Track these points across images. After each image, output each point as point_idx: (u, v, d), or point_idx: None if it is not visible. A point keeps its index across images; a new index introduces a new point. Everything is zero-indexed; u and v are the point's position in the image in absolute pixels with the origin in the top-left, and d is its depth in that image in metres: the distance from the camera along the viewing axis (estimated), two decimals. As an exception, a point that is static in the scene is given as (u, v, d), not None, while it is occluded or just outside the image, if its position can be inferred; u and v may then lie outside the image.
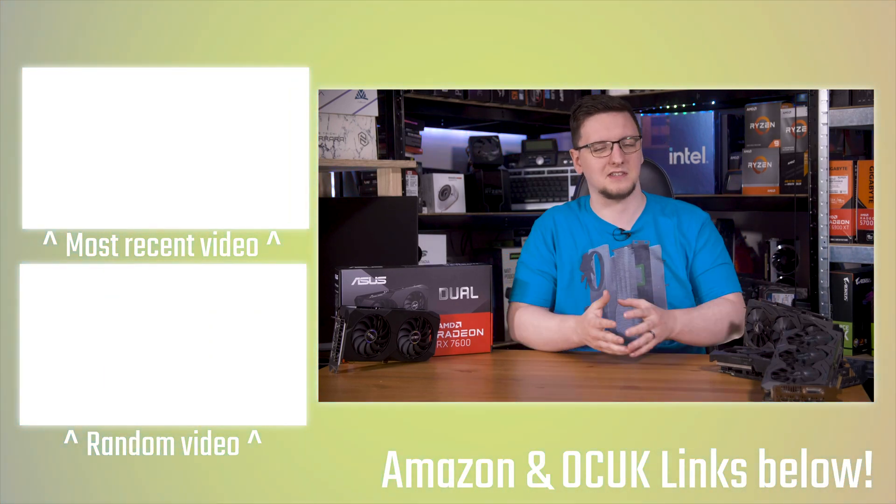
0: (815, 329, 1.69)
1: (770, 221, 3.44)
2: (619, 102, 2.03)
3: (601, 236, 2.07)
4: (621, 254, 2.05)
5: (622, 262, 2.04)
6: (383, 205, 2.66)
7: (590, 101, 2.04)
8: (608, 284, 2.04)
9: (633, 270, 2.04)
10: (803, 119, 2.94)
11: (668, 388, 1.71)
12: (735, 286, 2.05)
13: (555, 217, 2.13)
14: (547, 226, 2.12)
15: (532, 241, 2.13)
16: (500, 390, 1.84)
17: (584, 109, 2.04)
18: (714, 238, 2.08)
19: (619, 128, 2.00)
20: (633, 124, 2.03)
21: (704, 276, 2.04)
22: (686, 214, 2.09)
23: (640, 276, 2.04)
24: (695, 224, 2.07)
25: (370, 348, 1.87)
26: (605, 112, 2.01)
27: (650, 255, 2.04)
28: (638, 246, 2.05)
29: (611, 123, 2.01)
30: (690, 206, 2.12)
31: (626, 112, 2.03)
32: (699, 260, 2.05)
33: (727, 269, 2.06)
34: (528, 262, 2.11)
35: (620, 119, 2.01)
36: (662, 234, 2.06)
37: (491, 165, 3.42)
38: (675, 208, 2.10)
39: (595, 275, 2.05)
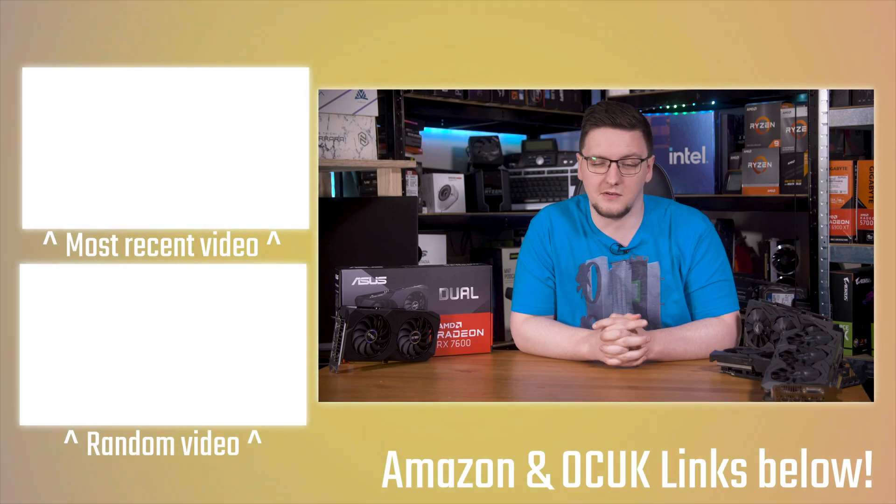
0: (815, 329, 1.69)
1: (770, 221, 3.44)
2: (631, 120, 1.90)
3: (599, 248, 2.01)
4: (619, 267, 2.00)
5: (619, 276, 2.00)
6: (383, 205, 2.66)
7: (601, 111, 1.92)
8: (604, 298, 2.01)
9: (629, 286, 2.00)
10: (803, 119, 2.94)
11: (668, 388, 1.71)
12: (731, 305, 1.97)
13: (551, 217, 2.06)
14: (543, 226, 2.06)
15: (530, 243, 2.07)
16: (500, 390, 1.84)
17: (592, 119, 1.93)
18: (713, 252, 1.99)
19: (623, 146, 1.89)
20: (641, 143, 1.91)
21: (699, 294, 1.98)
22: (684, 226, 1.99)
23: (636, 293, 2.00)
24: (692, 236, 1.98)
25: (370, 348, 1.87)
26: (612, 128, 1.89)
27: (647, 272, 1.99)
28: (636, 262, 1.99)
29: (615, 140, 1.89)
30: (690, 215, 2.02)
31: (636, 130, 1.90)
32: (694, 275, 1.98)
33: (724, 287, 1.98)
34: (528, 266, 2.06)
35: (626, 137, 1.89)
36: (661, 249, 1.99)
37: (491, 165, 3.42)
38: (674, 217, 2.01)
39: (591, 286, 2.01)
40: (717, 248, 2.00)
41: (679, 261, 1.99)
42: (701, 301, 1.99)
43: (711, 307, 1.97)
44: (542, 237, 2.06)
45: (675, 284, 1.99)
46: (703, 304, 1.98)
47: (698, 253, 1.98)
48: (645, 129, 1.94)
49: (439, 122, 3.52)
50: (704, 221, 2.02)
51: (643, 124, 1.93)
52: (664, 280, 1.99)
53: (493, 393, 1.81)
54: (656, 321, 1.99)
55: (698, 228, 2.00)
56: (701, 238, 1.99)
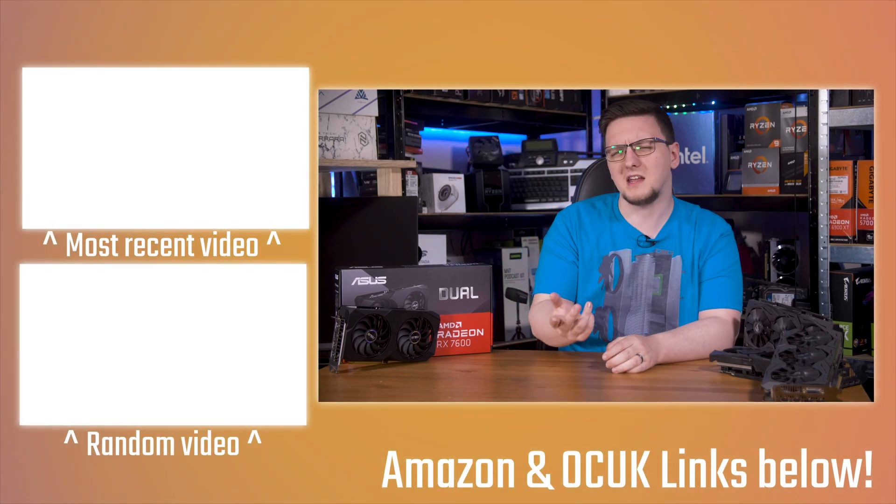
0: (815, 329, 1.69)
1: (770, 221, 3.44)
2: (641, 106, 2.01)
3: (625, 240, 2.06)
4: (642, 260, 2.04)
5: (642, 269, 2.04)
6: (383, 205, 2.66)
7: (613, 107, 2.04)
8: (624, 289, 2.03)
9: (651, 279, 2.03)
10: (803, 119, 2.94)
11: (668, 388, 1.71)
12: (733, 303, 2.00)
13: (579, 210, 2.12)
14: (572, 217, 2.11)
15: (557, 230, 2.11)
16: (500, 390, 1.83)
17: (606, 117, 2.05)
18: (728, 250, 2.04)
19: (635, 131, 1.99)
20: (654, 127, 2.01)
21: (707, 284, 2.02)
22: (708, 224, 2.06)
23: (658, 286, 2.02)
24: (715, 232, 2.05)
25: (370, 348, 1.87)
26: (624, 117, 2.01)
27: (671, 266, 2.03)
28: (661, 255, 2.03)
29: (628, 127, 2.00)
30: (716, 216, 2.10)
31: (647, 115, 2.01)
32: (707, 266, 2.03)
33: (731, 283, 2.02)
34: (552, 248, 2.11)
35: (639, 122, 2.00)
36: (684, 243, 2.04)
37: (491, 165, 3.42)
38: (700, 216, 2.08)
39: (613, 277, 2.04)
40: (733, 249, 2.07)
41: (700, 256, 2.04)
42: (705, 292, 2.02)
43: (714, 299, 2.00)
44: (569, 226, 2.10)
45: (693, 279, 2.03)
46: (708, 294, 2.02)
47: (717, 247, 2.04)
48: (659, 115, 2.03)
49: (439, 122, 3.52)
50: (727, 225, 2.10)
51: (655, 111, 2.03)
52: (685, 274, 2.03)
53: (493, 393, 1.81)
54: (674, 316, 2.02)
55: (721, 227, 2.08)
56: (722, 236, 2.06)
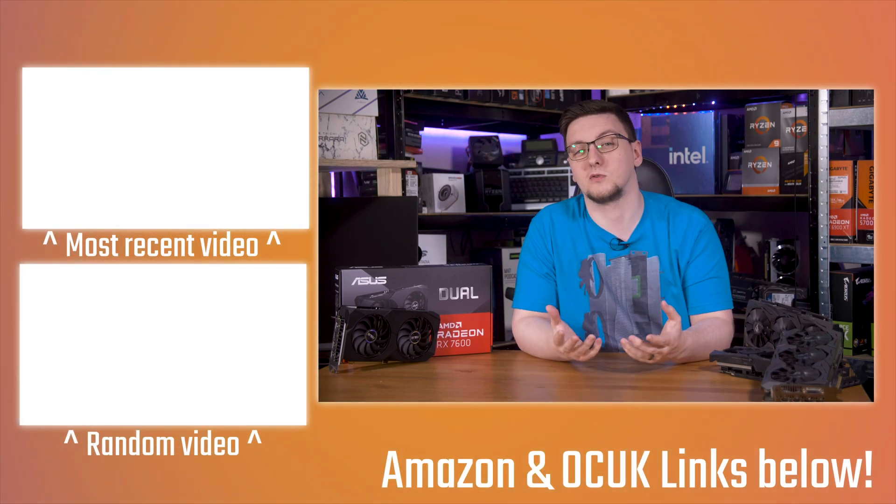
0: (815, 329, 1.69)
1: (770, 221, 3.44)
2: (601, 105, 2.00)
3: (599, 244, 2.03)
4: (618, 264, 2.01)
5: (618, 272, 2.01)
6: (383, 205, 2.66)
7: (574, 107, 2.02)
8: (606, 293, 2.02)
9: (628, 282, 2.00)
10: (803, 119, 2.94)
11: (668, 388, 1.71)
12: (726, 303, 1.99)
13: (552, 216, 2.08)
14: (545, 224, 2.08)
15: (531, 240, 2.09)
16: (500, 390, 1.84)
17: (567, 116, 2.02)
18: (712, 248, 2.01)
19: (596, 127, 1.96)
20: (616, 124, 1.98)
21: (695, 288, 1.99)
22: (684, 221, 2.01)
23: (636, 288, 2.00)
24: (692, 230, 2.00)
25: (370, 348, 1.87)
26: (583, 116, 1.99)
27: (647, 267, 2.00)
28: (635, 257, 2.01)
29: (587, 125, 1.97)
30: (690, 211, 2.04)
31: (607, 113, 1.99)
32: (692, 270, 1.99)
33: (720, 284, 1.99)
34: (528, 263, 2.08)
35: (600, 120, 1.97)
36: (660, 243, 2.01)
37: (491, 165, 3.42)
38: (674, 212, 2.03)
39: (594, 281, 2.02)
40: (716, 244, 2.02)
41: (678, 255, 2.01)
42: (697, 296, 2.00)
43: (707, 303, 1.99)
44: (542, 234, 2.08)
45: (673, 279, 2.00)
46: (700, 299, 1.99)
47: (698, 247, 2.00)
48: (619, 114, 2.02)
49: (439, 122, 3.52)
50: (703, 217, 2.04)
51: (616, 109, 2.02)
52: (663, 274, 2.00)
53: (493, 393, 1.81)
54: (657, 317, 2.00)
55: (698, 223, 2.02)
56: (701, 233, 2.01)
